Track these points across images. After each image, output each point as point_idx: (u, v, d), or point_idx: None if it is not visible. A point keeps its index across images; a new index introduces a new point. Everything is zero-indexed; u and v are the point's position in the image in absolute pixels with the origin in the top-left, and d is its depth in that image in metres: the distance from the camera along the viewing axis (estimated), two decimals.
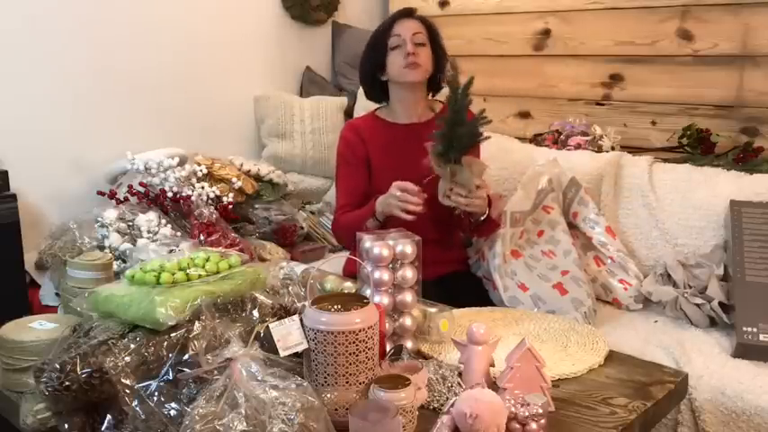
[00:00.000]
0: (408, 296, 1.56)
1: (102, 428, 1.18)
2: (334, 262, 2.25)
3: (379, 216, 2.03)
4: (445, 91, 2.09)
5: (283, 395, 1.12)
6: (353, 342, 1.24)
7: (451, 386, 1.37)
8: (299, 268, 1.81)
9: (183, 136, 2.83)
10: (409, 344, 1.56)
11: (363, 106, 3.09)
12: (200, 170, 2.52)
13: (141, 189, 2.33)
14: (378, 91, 2.23)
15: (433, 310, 1.64)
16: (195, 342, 1.23)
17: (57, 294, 2.13)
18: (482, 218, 2.06)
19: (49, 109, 2.54)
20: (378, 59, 2.14)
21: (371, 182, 2.19)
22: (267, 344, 1.25)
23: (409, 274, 1.55)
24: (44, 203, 2.53)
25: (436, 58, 2.18)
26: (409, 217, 1.92)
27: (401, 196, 1.93)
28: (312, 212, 2.95)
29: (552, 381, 1.39)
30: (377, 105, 2.31)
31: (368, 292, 1.53)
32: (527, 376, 1.32)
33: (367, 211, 2.07)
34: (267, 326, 1.27)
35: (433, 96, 2.30)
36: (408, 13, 2.17)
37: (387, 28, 2.14)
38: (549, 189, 2.34)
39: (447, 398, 1.33)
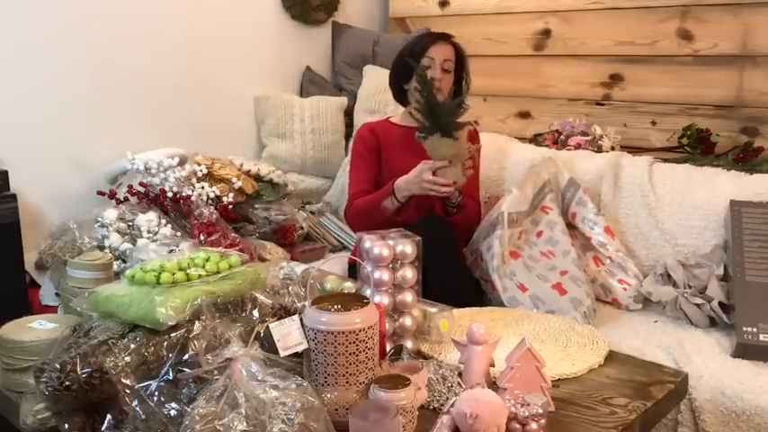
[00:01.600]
0: (408, 296, 1.56)
1: (102, 428, 1.18)
2: (334, 262, 2.25)
3: (400, 197, 2.16)
4: None
5: (283, 395, 1.12)
6: (353, 342, 1.24)
7: (451, 386, 1.37)
8: (299, 268, 1.81)
9: (183, 136, 2.83)
10: (409, 344, 1.56)
11: (363, 107, 3.10)
12: (200, 170, 2.52)
13: (141, 189, 2.33)
14: (401, 96, 2.40)
15: (433, 310, 1.64)
16: (195, 342, 1.23)
17: (57, 294, 2.13)
18: (458, 200, 2.23)
19: (49, 109, 2.54)
20: (407, 72, 2.27)
21: (381, 178, 2.33)
22: (267, 344, 1.25)
23: (409, 274, 1.55)
24: (44, 203, 2.53)
25: (458, 81, 2.35)
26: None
27: (433, 179, 2.07)
28: (312, 212, 2.95)
29: (552, 381, 1.39)
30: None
31: (368, 292, 1.53)
32: (527, 376, 1.32)
33: (384, 193, 2.20)
34: (267, 326, 1.27)
35: None
36: (445, 37, 2.31)
37: (424, 48, 2.27)
38: (548, 190, 2.34)
39: (447, 398, 1.33)
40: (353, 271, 2.05)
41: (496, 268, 2.14)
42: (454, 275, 2.11)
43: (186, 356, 1.21)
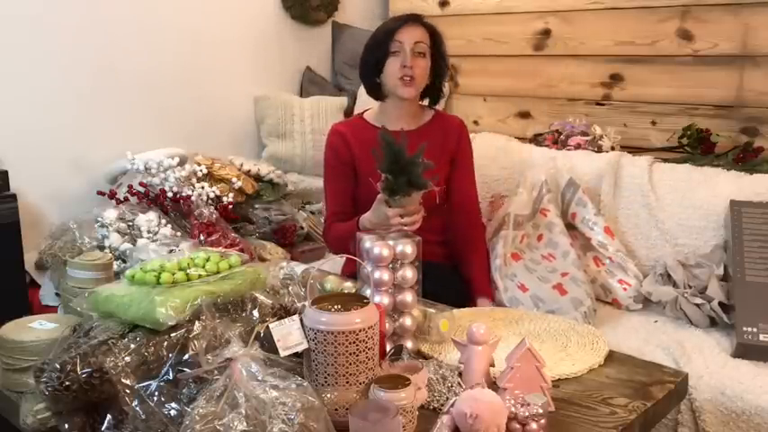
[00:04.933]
0: (408, 296, 1.56)
1: (102, 428, 1.18)
2: (334, 262, 2.25)
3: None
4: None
5: (283, 395, 1.12)
6: (353, 342, 1.24)
7: (451, 386, 1.37)
8: (299, 268, 1.81)
9: (183, 136, 2.83)
10: (409, 344, 1.56)
11: (363, 107, 3.09)
12: (200, 170, 2.52)
13: (141, 189, 2.33)
14: (377, 90, 2.19)
15: (432, 310, 1.64)
16: (195, 342, 1.23)
17: (57, 294, 2.13)
18: None
19: (49, 109, 2.54)
20: (377, 61, 2.10)
21: (358, 186, 2.17)
22: (267, 344, 1.25)
23: (409, 274, 1.55)
24: (44, 203, 2.53)
25: (436, 68, 2.16)
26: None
27: (403, 222, 1.80)
28: (312, 212, 2.95)
29: (552, 381, 1.39)
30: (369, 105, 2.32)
31: (368, 292, 1.53)
32: (527, 376, 1.32)
33: (352, 228, 1.98)
34: (267, 326, 1.27)
35: (432, 104, 2.27)
36: (414, 18, 2.11)
37: (390, 32, 2.07)
38: (545, 191, 2.34)
39: (447, 398, 1.33)
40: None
41: (498, 268, 2.14)
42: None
43: (186, 356, 1.21)
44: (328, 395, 1.25)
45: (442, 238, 2.22)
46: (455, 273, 2.24)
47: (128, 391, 1.18)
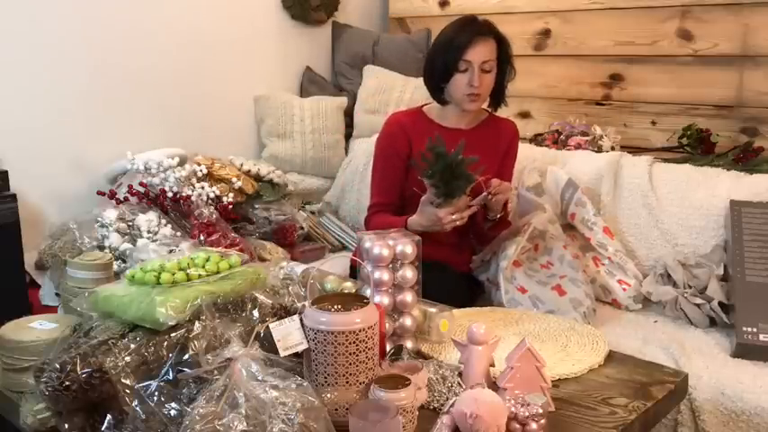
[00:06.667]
0: (408, 296, 1.56)
1: (102, 428, 1.18)
2: (334, 262, 2.25)
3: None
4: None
5: (283, 395, 1.12)
6: (353, 342, 1.24)
7: (451, 386, 1.37)
8: (299, 268, 1.81)
9: (182, 136, 2.83)
10: (409, 344, 1.56)
11: (363, 107, 3.09)
12: (200, 170, 2.52)
13: (141, 189, 2.33)
14: (440, 95, 2.20)
15: (433, 310, 1.64)
16: (195, 342, 1.23)
17: (57, 294, 2.13)
18: (498, 216, 2.12)
19: (49, 109, 2.54)
20: (444, 70, 2.11)
21: (408, 178, 2.17)
22: (267, 344, 1.25)
23: (409, 274, 1.55)
24: (44, 203, 2.53)
25: (501, 74, 2.17)
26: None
27: (455, 218, 1.93)
28: (312, 212, 2.95)
29: (552, 381, 1.39)
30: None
31: (368, 292, 1.53)
32: (527, 376, 1.32)
33: (397, 226, 1.99)
34: (267, 326, 1.27)
35: (494, 110, 2.29)
36: (483, 31, 2.11)
37: (461, 48, 2.08)
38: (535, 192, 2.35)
39: (447, 398, 1.33)
40: (355, 271, 2.04)
41: (503, 269, 2.13)
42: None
43: (186, 356, 1.21)
44: (328, 395, 1.25)
45: (457, 242, 2.23)
46: (463, 277, 2.26)
47: (128, 391, 1.18)
